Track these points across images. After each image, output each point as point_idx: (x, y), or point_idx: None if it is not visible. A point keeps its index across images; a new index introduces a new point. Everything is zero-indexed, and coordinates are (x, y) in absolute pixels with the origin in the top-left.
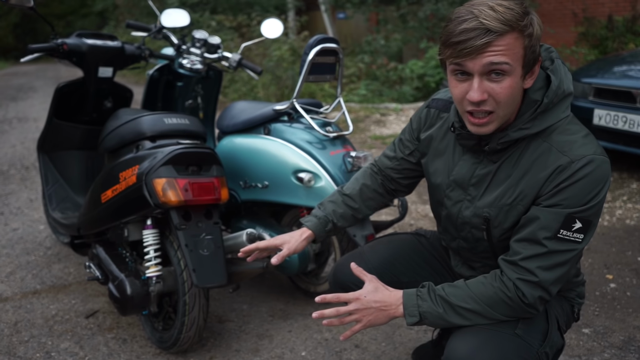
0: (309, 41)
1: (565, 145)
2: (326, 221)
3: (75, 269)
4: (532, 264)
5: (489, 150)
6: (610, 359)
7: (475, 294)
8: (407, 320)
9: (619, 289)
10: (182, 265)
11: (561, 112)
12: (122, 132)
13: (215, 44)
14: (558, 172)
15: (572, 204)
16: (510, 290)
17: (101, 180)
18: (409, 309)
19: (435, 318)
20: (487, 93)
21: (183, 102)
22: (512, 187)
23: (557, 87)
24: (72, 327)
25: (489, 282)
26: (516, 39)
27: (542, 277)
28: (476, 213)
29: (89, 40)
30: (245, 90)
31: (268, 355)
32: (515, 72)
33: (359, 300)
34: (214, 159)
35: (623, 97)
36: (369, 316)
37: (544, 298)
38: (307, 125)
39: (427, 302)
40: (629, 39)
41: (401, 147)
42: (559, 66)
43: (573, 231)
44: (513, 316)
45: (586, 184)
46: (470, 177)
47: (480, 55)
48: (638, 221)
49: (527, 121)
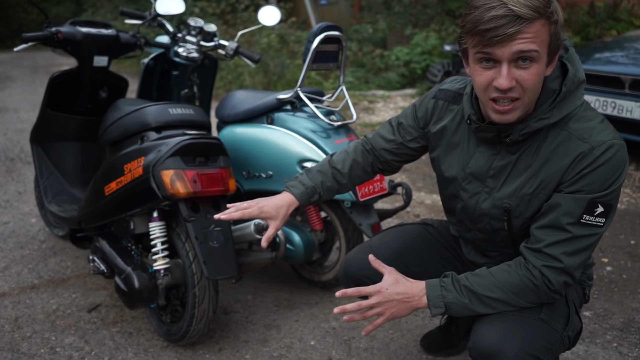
0: (313, 29)
1: (585, 132)
2: (313, 192)
3: (73, 262)
4: (556, 250)
5: (510, 141)
6: (612, 341)
7: (500, 282)
8: (432, 311)
9: (615, 272)
10: (190, 257)
11: (577, 100)
12: (126, 123)
13: (211, 32)
14: (580, 159)
15: (594, 190)
16: (536, 278)
17: (104, 173)
18: (434, 300)
19: (460, 308)
20: (514, 80)
21: (179, 91)
22: (532, 176)
23: (574, 75)
24: (75, 322)
25: (514, 270)
26: (543, 26)
27: (567, 263)
28: (495, 204)
29: (83, 29)
30: (231, 78)
31: (277, 345)
32: (541, 59)
33: (380, 293)
34: (221, 149)
35: (612, 83)
36: (392, 309)
37: (569, 283)
38: (310, 114)
39: (452, 292)
40: (610, 25)
41: (402, 132)
42: (573, 54)
43: (595, 215)
44: (538, 302)
45: (607, 169)
46: (488, 169)
47: (510, 43)
48: (628, 205)
49: (547, 111)
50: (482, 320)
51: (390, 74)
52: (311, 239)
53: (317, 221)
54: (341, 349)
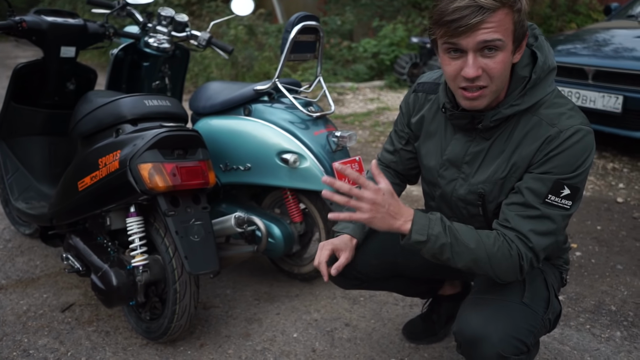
0: (290, 19)
1: (554, 118)
2: (362, 224)
3: (42, 261)
4: (524, 226)
5: (482, 127)
6: (585, 323)
7: (482, 239)
8: (413, 236)
9: (584, 257)
10: (170, 252)
11: (548, 87)
12: (99, 115)
13: (182, 22)
14: (548, 142)
15: (561, 171)
16: (512, 249)
17: (76, 167)
18: (418, 226)
19: (437, 246)
20: (481, 69)
21: (150, 83)
22: (505, 161)
23: (544, 63)
24: (48, 322)
25: (496, 235)
26: (507, 15)
27: (535, 242)
28: (471, 190)
29: (49, 18)
30: (197, 70)
31: (260, 339)
32: (507, 47)
33: (378, 193)
34: (200, 141)
35: (576, 74)
36: (377, 214)
37: (534, 264)
38: (288, 105)
39: (437, 227)
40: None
41: (397, 139)
42: (543, 42)
43: (562, 197)
44: (503, 275)
45: (574, 152)
46: (463, 155)
47: (475, 33)
48: (593, 192)
49: (518, 97)
50: (467, 305)
51: (358, 65)
52: (291, 231)
53: (296, 213)
54: (324, 340)
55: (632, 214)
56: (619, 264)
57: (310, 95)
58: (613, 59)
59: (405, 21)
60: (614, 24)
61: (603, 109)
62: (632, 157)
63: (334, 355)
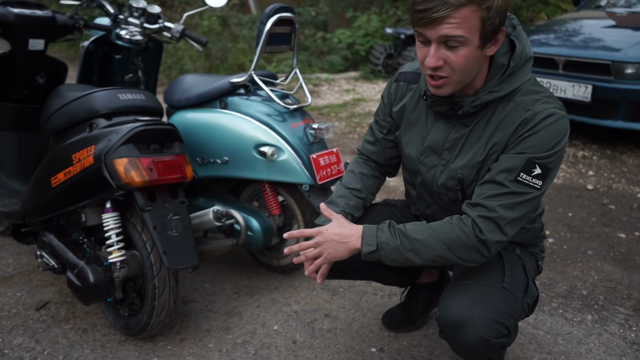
0: (265, 10)
1: (530, 103)
2: (344, 215)
3: (15, 259)
4: (493, 202)
5: (462, 114)
6: (558, 307)
7: (434, 229)
8: (363, 249)
9: (557, 243)
10: (148, 247)
11: (525, 75)
12: (72, 110)
13: (155, 14)
14: (523, 124)
15: (533, 151)
16: (467, 226)
17: (49, 163)
18: (367, 239)
19: (391, 250)
20: (442, 60)
21: (122, 76)
22: (482, 145)
23: (521, 51)
24: (23, 321)
25: (449, 220)
26: (473, 12)
27: (502, 214)
28: (450, 175)
29: (15, 10)
30: (170, 62)
31: (240, 332)
32: (471, 43)
33: (320, 234)
34: (176, 135)
35: (547, 64)
36: (330, 249)
37: (500, 241)
38: (265, 97)
39: (385, 233)
40: (540, 9)
41: (378, 129)
42: (521, 32)
43: (532, 176)
44: (465, 256)
45: (547, 134)
46: (444, 142)
47: (437, 26)
48: (564, 179)
49: (496, 84)
50: (449, 291)
51: (333, 56)
52: (269, 224)
53: (274, 206)
54: (305, 331)
55: (601, 201)
56: (589, 250)
57: (287, 87)
58: (582, 49)
59: (380, 12)
60: (582, 14)
61: (573, 98)
62: (601, 145)
63: (314, 346)
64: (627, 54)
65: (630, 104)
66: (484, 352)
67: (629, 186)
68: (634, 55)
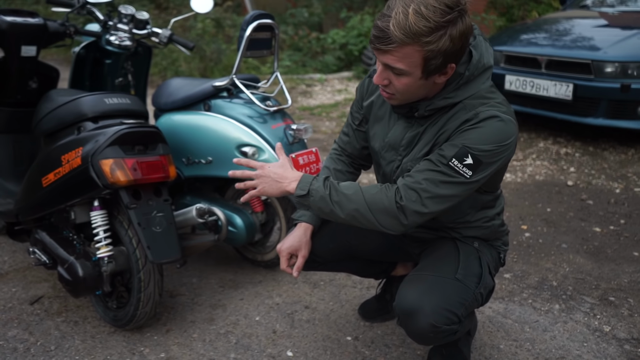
0: (245, 17)
1: (477, 105)
2: None
3: (10, 257)
4: (420, 175)
5: (418, 116)
6: (528, 298)
7: (361, 189)
8: (296, 192)
9: (533, 237)
10: (134, 243)
11: (482, 83)
12: (61, 113)
13: (143, 20)
14: (465, 121)
15: (469, 142)
16: (390, 191)
17: (40, 165)
18: (302, 185)
19: (319, 198)
20: (387, 80)
21: (113, 80)
22: (430, 140)
23: (478, 61)
24: (17, 315)
25: (378, 185)
26: (416, 51)
27: (425, 186)
28: (402, 169)
29: (7, 18)
30: (165, 64)
31: (223, 323)
32: (412, 75)
33: (262, 169)
34: (160, 137)
35: (530, 63)
36: (265, 184)
37: (419, 212)
38: (247, 100)
39: (319, 183)
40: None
41: (352, 120)
42: (480, 42)
43: (464, 164)
44: (382, 220)
45: (486, 131)
46: (401, 139)
47: (382, 55)
48: (545, 176)
49: (451, 91)
50: (405, 281)
51: (327, 57)
52: (252, 221)
53: (257, 203)
54: (285, 322)
55: (580, 196)
56: (564, 243)
57: (270, 89)
58: (564, 49)
59: (373, 12)
60: (568, 13)
61: (555, 97)
62: (584, 142)
63: (293, 335)
64: (607, 53)
65: (610, 102)
66: (435, 337)
67: (608, 182)
68: (614, 54)
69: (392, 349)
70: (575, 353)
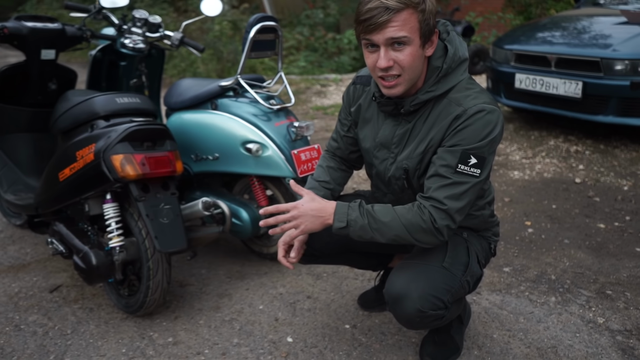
0: (250, 20)
1: (461, 99)
2: None
3: (32, 249)
4: (440, 194)
5: (404, 112)
6: (525, 291)
7: (398, 213)
8: (334, 225)
9: (536, 233)
10: (143, 234)
11: (459, 75)
12: (75, 112)
13: (156, 23)
14: (455, 119)
15: (466, 143)
16: (425, 214)
17: (57, 160)
18: (338, 215)
19: (359, 227)
20: (392, 60)
21: (127, 81)
22: (423, 138)
23: (454, 54)
24: (38, 302)
25: (410, 207)
26: (411, 14)
27: (450, 205)
28: (398, 166)
29: (29, 23)
30: (184, 66)
31: (229, 310)
32: (414, 42)
33: (296, 208)
34: (167, 134)
35: (540, 61)
36: (306, 222)
37: (450, 226)
38: (252, 99)
39: (355, 212)
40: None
41: (340, 127)
42: (454, 37)
43: (470, 166)
44: (422, 238)
45: (477, 127)
46: (392, 137)
47: (383, 30)
48: (554, 174)
49: (432, 85)
50: (395, 269)
51: (343, 57)
52: (257, 215)
53: (262, 198)
54: (287, 310)
55: (587, 193)
56: (566, 239)
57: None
58: (574, 47)
59: None
60: (580, 11)
61: (565, 95)
62: (596, 140)
63: (294, 322)
64: (617, 51)
65: (620, 100)
66: (422, 322)
67: (616, 179)
68: (624, 52)
69: (388, 336)
70: (567, 343)
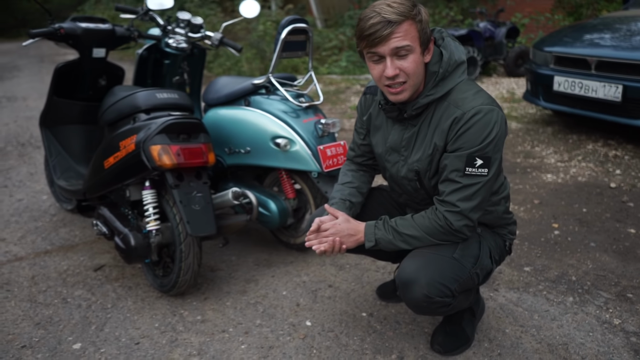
0: (281, 22)
1: (460, 101)
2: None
3: (80, 232)
4: (453, 197)
5: (407, 116)
6: (543, 290)
7: (417, 223)
8: (366, 244)
9: (562, 235)
10: (177, 219)
11: (457, 78)
12: (120, 106)
13: (198, 24)
14: (455, 122)
15: (469, 146)
16: (441, 220)
17: (103, 149)
18: (367, 236)
19: (386, 242)
20: (398, 68)
21: (171, 79)
22: (429, 140)
23: (449, 59)
24: (83, 279)
25: (427, 215)
26: (411, 25)
27: (463, 207)
28: (409, 169)
29: (82, 24)
30: (229, 64)
31: (254, 295)
32: (415, 50)
33: (335, 226)
34: (201, 127)
35: (579, 64)
36: (343, 237)
37: (468, 225)
38: (282, 97)
39: (381, 230)
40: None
41: (357, 136)
42: (449, 42)
43: (477, 167)
44: (446, 240)
45: (477, 129)
46: (400, 141)
47: (388, 41)
48: (589, 178)
49: (431, 89)
50: (407, 257)
51: None
52: (285, 206)
53: (290, 190)
54: (308, 297)
55: (621, 198)
56: (593, 242)
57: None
58: (614, 49)
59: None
60: (626, 13)
61: (604, 98)
62: (636, 145)
63: (314, 308)
64: None
65: None
66: (429, 307)
67: None
68: None
69: (402, 325)
70: (578, 341)
